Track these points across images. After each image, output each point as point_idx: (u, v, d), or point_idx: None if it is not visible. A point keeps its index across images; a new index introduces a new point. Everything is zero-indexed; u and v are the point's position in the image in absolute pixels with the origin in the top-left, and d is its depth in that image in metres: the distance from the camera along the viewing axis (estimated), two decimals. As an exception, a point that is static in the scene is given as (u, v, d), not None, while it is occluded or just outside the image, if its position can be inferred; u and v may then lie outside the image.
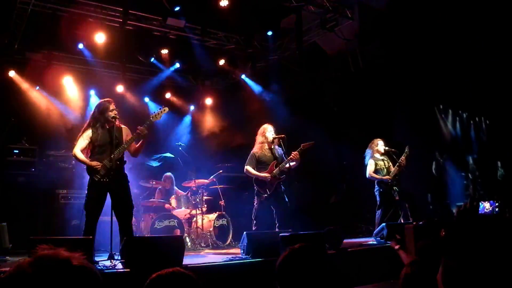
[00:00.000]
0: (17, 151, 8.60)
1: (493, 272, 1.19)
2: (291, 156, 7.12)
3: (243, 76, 12.14)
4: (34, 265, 1.31)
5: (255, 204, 7.42)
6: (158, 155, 10.72)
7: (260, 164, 7.41)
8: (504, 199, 8.33)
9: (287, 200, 7.31)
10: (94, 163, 5.84)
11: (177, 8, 9.24)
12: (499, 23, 8.13)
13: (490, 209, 8.33)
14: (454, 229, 1.29)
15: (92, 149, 5.99)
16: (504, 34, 8.18)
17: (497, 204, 8.24)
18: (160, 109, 6.31)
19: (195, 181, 9.31)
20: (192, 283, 1.86)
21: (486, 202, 8.43)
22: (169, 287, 1.83)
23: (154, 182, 9.52)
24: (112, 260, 5.33)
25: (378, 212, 8.31)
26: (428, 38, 9.02)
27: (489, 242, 1.22)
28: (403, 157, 8.25)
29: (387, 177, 8.28)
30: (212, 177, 9.50)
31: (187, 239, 8.67)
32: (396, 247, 4.41)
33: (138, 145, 6.15)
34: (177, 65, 11.63)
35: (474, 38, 8.51)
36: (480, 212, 7.91)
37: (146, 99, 12.05)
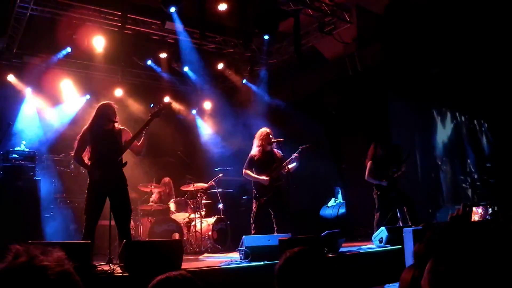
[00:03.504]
0: (15, 155, 8.57)
1: (482, 278, 1.19)
2: (292, 157, 7.12)
3: (241, 80, 12.16)
4: (5, 273, 1.20)
5: (253, 207, 7.41)
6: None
7: (258, 167, 7.40)
8: (499, 203, 8.32)
9: (286, 203, 7.31)
10: (93, 168, 5.85)
11: (172, 9, 9.24)
12: (498, 24, 8.16)
13: (482, 214, 8.31)
14: (445, 234, 1.30)
15: (92, 151, 5.99)
16: (503, 36, 8.20)
17: (490, 209, 8.22)
18: (158, 106, 6.31)
19: (194, 185, 9.30)
20: (197, 287, 1.87)
21: (479, 207, 8.41)
22: None
23: (153, 186, 9.52)
24: (110, 264, 5.32)
25: (377, 215, 8.30)
26: (425, 41, 9.04)
27: (480, 248, 1.22)
28: (402, 161, 8.25)
29: (385, 180, 8.27)
30: (211, 181, 9.50)
31: (186, 243, 8.66)
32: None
33: (140, 143, 6.14)
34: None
35: (473, 40, 8.53)
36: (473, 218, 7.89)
37: (145, 103, 12.05)
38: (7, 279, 1.20)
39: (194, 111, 12.98)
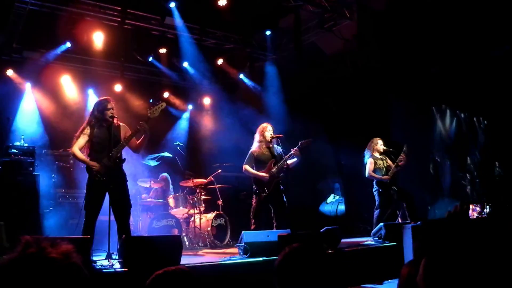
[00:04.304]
0: (15, 150, 8.57)
1: (476, 275, 1.19)
2: (291, 152, 7.12)
3: (241, 76, 12.15)
4: (15, 263, 1.23)
5: (253, 203, 7.41)
6: (156, 155, 10.66)
7: (258, 163, 7.40)
8: (499, 200, 8.32)
9: (285, 199, 7.31)
10: (92, 162, 5.84)
11: (172, 4, 9.22)
12: (497, 22, 8.15)
13: (479, 211, 8.32)
14: (443, 232, 1.31)
15: (91, 147, 5.99)
16: (502, 34, 8.20)
17: (487, 206, 8.22)
18: (157, 104, 6.30)
19: (193, 181, 9.30)
20: (195, 282, 1.88)
21: (477, 205, 8.42)
22: (175, 284, 1.85)
23: (152, 182, 9.52)
24: (110, 260, 5.32)
25: (376, 212, 8.30)
26: (426, 38, 9.03)
27: (476, 245, 1.23)
28: (401, 157, 8.25)
29: (386, 176, 8.27)
30: (210, 176, 9.50)
31: (185, 239, 8.67)
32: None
33: (139, 141, 6.13)
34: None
35: (472, 38, 8.52)
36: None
37: (145, 98, 12.03)
38: (16, 269, 1.22)
39: (190, 107, 12.95)
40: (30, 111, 10.23)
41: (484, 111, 9.79)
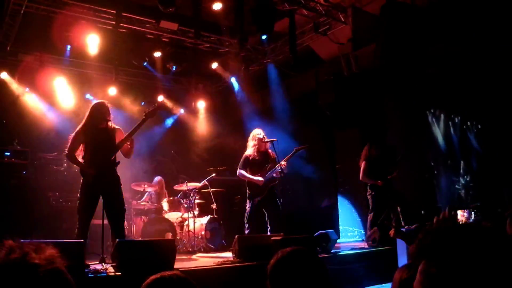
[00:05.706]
0: (8, 154, 8.54)
1: (475, 280, 1.20)
2: (279, 165, 7.12)
3: (232, 79, 12.16)
4: None
5: (247, 207, 7.41)
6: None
7: (253, 167, 7.41)
8: (489, 205, 8.33)
9: (279, 203, 7.31)
10: (86, 166, 5.83)
11: (170, 10, 9.24)
12: (492, 26, 8.19)
13: (467, 217, 8.32)
14: (433, 236, 1.31)
15: (85, 150, 5.98)
16: (497, 37, 8.24)
17: (473, 212, 8.23)
18: (153, 106, 6.31)
19: (187, 185, 9.28)
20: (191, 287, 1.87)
21: (463, 211, 8.43)
22: None
23: (146, 185, 9.49)
24: (103, 264, 5.30)
25: (370, 216, 8.32)
26: (420, 42, 9.06)
27: (468, 250, 1.23)
28: (395, 167, 8.28)
29: (379, 181, 8.29)
30: (204, 180, 9.48)
31: (179, 243, 8.64)
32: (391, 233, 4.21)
33: (129, 145, 6.13)
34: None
35: (467, 41, 8.56)
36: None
37: (139, 102, 12.02)
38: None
39: (181, 111, 12.93)
40: (23, 114, 10.19)
41: (478, 115, 9.82)
